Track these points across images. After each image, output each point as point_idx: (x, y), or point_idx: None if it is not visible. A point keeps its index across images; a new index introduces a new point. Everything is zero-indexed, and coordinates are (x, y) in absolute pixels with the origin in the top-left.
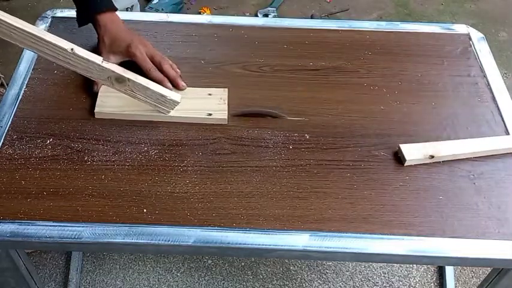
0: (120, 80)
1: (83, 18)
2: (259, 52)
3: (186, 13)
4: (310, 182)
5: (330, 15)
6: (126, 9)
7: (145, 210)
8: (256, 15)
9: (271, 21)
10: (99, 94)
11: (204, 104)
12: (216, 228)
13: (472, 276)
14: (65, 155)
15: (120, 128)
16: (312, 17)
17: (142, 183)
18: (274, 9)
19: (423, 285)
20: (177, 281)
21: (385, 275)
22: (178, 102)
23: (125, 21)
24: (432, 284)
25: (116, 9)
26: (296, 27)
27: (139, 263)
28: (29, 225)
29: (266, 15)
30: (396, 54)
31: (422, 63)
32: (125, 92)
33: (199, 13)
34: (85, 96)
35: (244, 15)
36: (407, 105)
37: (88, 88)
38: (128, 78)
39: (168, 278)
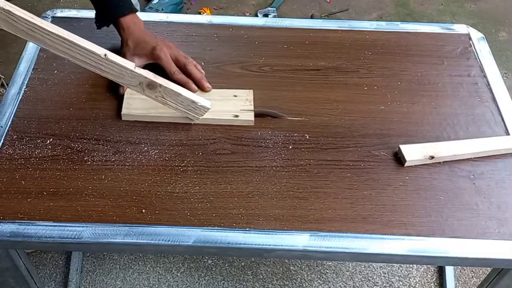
0: (151, 86)
1: (103, 20)
2: (259, 52)
3: (186, 13)
4: (310, 182)
5: (330, 15)
6: None
7: (144, 211)
8: (256, 15)
9: (271, 21)
10: (125, 96)
11: (230, 105)
12: (216, 228)
13: (472, 276)
14: (65, 155)
15: (120, 128)
16: (312, 17)
17: (143, 183)
18: (274, 9)
19: (423, 285)
20: (177, 281)
21: (385, 275)
22: (208, 109)
23: None
24: (432, 284)
25: (137, 11)
26: (296, 27)
27: (140, 263)
28: (29, 225)
29: (266, 15)
30: (396, 54)
31: (422, 63)
32: (155, 98)
33: (199, 13)
34: (85, 96)
35: (244, 15)
36: (407, 105)
37: (113, 90)
38: (160, 84)
39: (168, 278)
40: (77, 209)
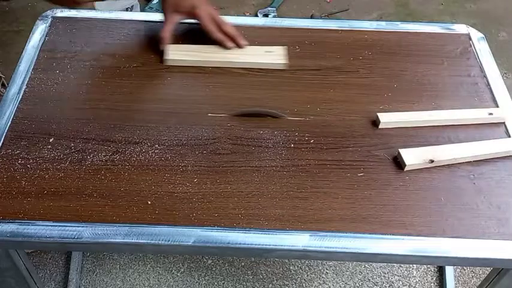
0: None
1: None
2: None
3: None
4: (311, 182)
5: (330, 15)
6: (126, 9)
7: (145, 209)
8: (256, 15)
9: (271, 21)
10: (167, 47)
11: (264, 57)
12: (216, 228)
13: (472, 276)
14: (65, 155)
15: (120, 128)
16: (312, 17)
17: (143, 183)
18: (274, 9)
19: (423, 285)
20: (177, 281)
21: (385, 275)
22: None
23: (124, 21)
24: (432, 284)
25: None
26: (296, 27)
27: (140, 263)
28: (29, 225)
29: (266, 15)
30: (396, 54)
31: (422, 63)
32: None
33: None
34: (85, 96)
35: (244, 15)
36: (407, 105)
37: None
38: None
39: (168, 278)
40: (77, 209)
